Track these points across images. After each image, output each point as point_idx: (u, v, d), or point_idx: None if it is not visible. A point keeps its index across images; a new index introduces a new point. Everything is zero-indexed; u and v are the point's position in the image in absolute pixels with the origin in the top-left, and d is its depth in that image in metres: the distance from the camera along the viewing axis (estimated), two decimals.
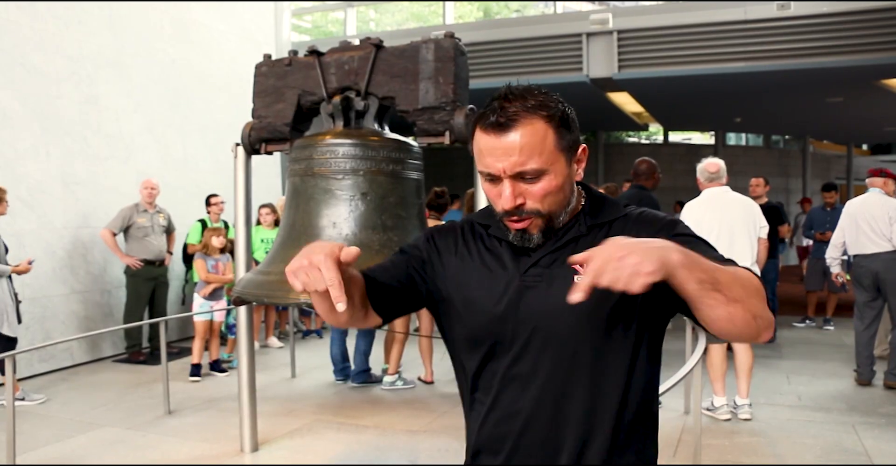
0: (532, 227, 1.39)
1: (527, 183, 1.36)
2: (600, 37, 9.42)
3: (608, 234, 1.40)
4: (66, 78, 7.29)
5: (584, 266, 1.16)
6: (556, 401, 1.40)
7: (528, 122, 1.34)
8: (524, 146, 1.33)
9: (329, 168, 3.39)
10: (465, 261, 1.50)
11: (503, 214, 1.39)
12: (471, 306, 1.45)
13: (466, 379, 1.50)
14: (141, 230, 7.22)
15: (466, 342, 1.48)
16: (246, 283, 3.53)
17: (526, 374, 1.41)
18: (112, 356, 7.52)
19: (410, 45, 3.61)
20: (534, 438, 1.41)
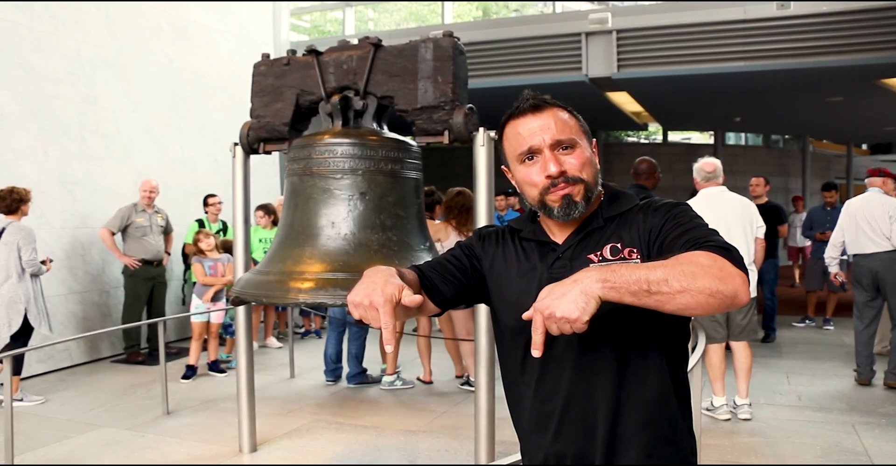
0: (576, 194, 1.51)
1: (564, 154, 1.53)
2: (599, 36, 9.41)
3: (622, 223, 1.55)
4: (64, 78, 7.27)
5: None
6: (587, 378, 1.50)
7: (555, 107, 1.58)
8: (557, 121, 1.54)
9: (328, 168, 3.37)
10: (505, 261, 1.64)
11: (548, 185, 1.51)
12: (510, 301, 1.58)
13: (515, 367, 1.62)
14: (139, 230, 7.21)
15: (510, 334, 1.61)
16: (244, 283, 3.51)
17: (559, 356, 1.51)
18: (110, 357, 7.51)
19: (409, 44, 3.60)
20: (574, 414, 1.51)
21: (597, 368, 1.49)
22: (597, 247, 1.53)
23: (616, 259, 1.49)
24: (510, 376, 1.66)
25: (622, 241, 1.52)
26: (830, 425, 5.04)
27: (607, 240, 1.53)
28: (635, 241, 1.51)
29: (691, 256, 1.30)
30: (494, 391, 3.77)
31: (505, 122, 1.60)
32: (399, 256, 3.28)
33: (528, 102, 1.56)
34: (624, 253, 1.50)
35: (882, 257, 5.94)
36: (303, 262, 3.25)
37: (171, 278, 8.07)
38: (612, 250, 1.51)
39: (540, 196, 1.54)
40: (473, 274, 1.65)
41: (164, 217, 7.53)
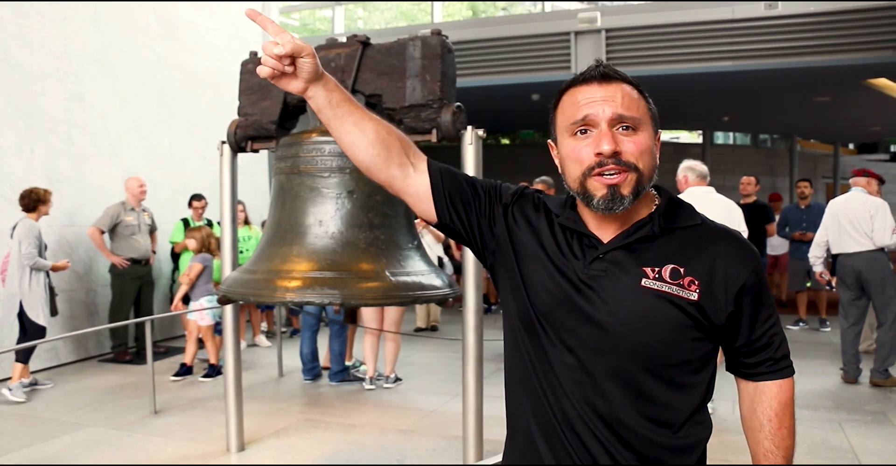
0: (625, 185, 1.32)
1: (624, 134, 1.33)
2: (588, 35, 9.42)
3: (684, 242, 1.39)
4: (51, 75, 7.23)
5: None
6: (597, 396, 1.36)
7: (626, 82, 1.38)
8: (625, 96, 1.34)
9: (315, 166, 3.36)
10: (541, 243, 1.45)
11: (595, 164, 1.32)
12: (533, 288, 1.42)
13: (526, 360, 1.44)
14: (128, 229, 7.18)
15: (521, 322, 1.44)
16: (232, 282, 3.50)
17: (583, 367, 1.36)
18: (98, 356, 7.47)
19: (397, 42, 3.59)
20: (586, 434, 1.37)
21: (618, 391, 1.35)
22: (654, 261, 1.35)
23: (674, 284, 1.33)
24: (514, 366, 1.49)
25: (686, 266, 1.35)
26: (817, 422, 5.06)
27: (667, 257, 1.36)
28: (702, 273, 1.35)
29: (791, 425, 1.47)
30: (482, 389, 3.77)
31: (565, 89, 1.41)
32: (386, 254, 3.28)
33: (598, 70, 1.36)
34: (684, 281, 1.34)
35: (865, 256, 5.97)
36: (290, 260, 3.24)
37: (159, 277, 8.04)
38: (673, 273, 1.34)
39: (583, 177, 1.34)
40: (479, 224, 1.52)
41: (150, 216, 7.51)
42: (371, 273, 3.19)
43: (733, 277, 1.36)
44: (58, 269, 6.22)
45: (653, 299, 1.33)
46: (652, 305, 1.33)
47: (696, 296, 1.33)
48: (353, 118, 1.44)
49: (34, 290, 5.98)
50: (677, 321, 1.33)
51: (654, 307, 1.33)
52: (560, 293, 1.38)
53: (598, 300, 1.35)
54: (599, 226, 1.41)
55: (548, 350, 1.40)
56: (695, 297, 1.33)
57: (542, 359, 1.41)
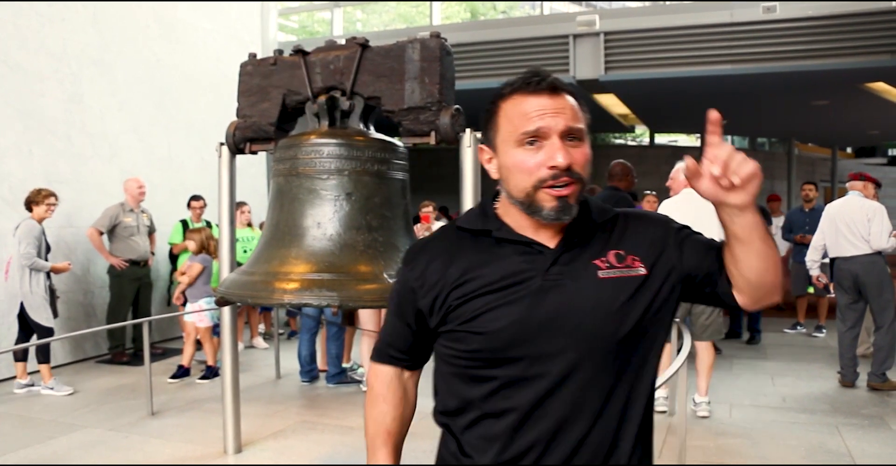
0: (572, 195, 1.36)
1: (571, 146, 1.36)
2: (587, 38, 9.43)
3: (615, 230, 1.46)
4: (50, 76, 7.23)
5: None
6: (589, 398, 1.37)
7: (569, 93, 1.40)
8: (572, 108, 1.38)
9: (314, 168, 3.36)
10: (473, 274, 1.41)
11: (548, 177, 1.34)
12: (490, 319, 1.37)
13: (480, 395, 1.41)
14: (127, 230, 7.17)
15: (489, 353, 1.39)
16: (229, 283, 3.50)
17: (558, 373, 1.36)
18: (95, 357, 7.46)
19: (396, 44, 3.59)
20: (569, 437, 1.36)
21: (600, 386, 1.37)
22: (599, 253, 1.41)
23: (622, 266, 1.40)
24: (473, 407, 1.43)
25: (624, 248, 1.43)
26: (814, 426, 5.07)
27: (608, 245, 1.43)
28: (637, 249, 1.43)
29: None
30: None
31: (507, 94, 1.41)
32: (385, 256, 3.28)
33: (547, 80, 1.37)
34: (628, 261, 1.41)
35: (862, 260, 5.98)
36: (288, 262, 3.23)
37: (157, 278, 8.03)
38: (618, 256, 1.41)
39: (532, 189, 1.35)
40: (420, 324, 1.51)
41: (149, 217, 7.51)
42: (369, 275, 3.18)
43: (655, 243, 1.44)
44: (58, 271, 6.24)
45: (613, 285, 1.38)
46: (615, 292, 1.37)
47: (644, 270, 1.41)
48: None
49: (35, 291, 6.00)
50: (639, 298, 1.39)
51: (618, 293, 1.37)
52: (515, 316, 1.37)
53: (566, 303, 1.37)
54: (536, 233, 1.43)
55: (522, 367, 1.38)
56: (644, 271, 1.41)
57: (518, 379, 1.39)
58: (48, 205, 6.12)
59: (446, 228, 1.56)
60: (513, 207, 1.42)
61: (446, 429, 1.52)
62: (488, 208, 1.50)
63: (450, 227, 1.55)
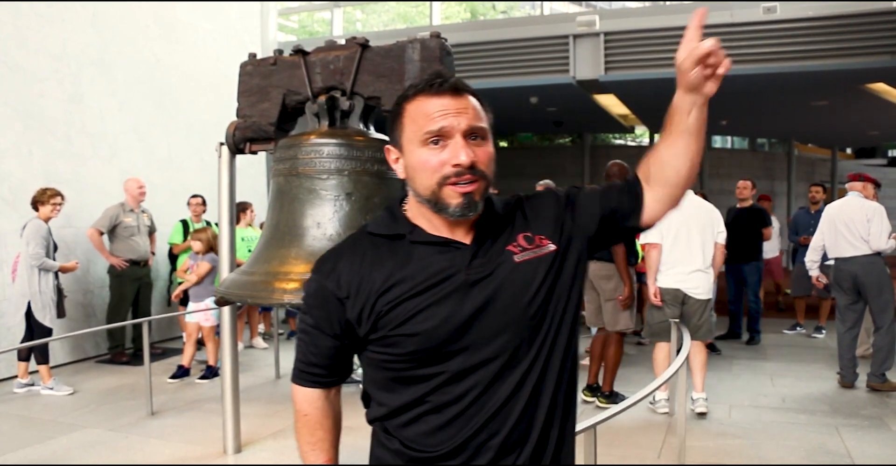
0: (477, 192, 1.40)
1: (474, 144, 1.40)
2: (587, 39, 9.43)
3: (520, 216, 1.53)
4: (50, 76, 7.23)
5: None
6: (529, 383, 1.43)
7: (472, 94, 1.46)
8: (474, 107, 1.43)
9: (314, 168, 3.36)
10: (395, 279, 1.42)
11: (452, 175, 1.38)
12: (421, 320, 1.40)
13: (421, 394, 1.44)
14: (127, 230, 7.17)
15: (428, 352, 1.41)
16: (229, 283, 3.50)
17: (498, 358, 1.41)
18: (95, 357, 7.47)
19: (396, 44, 3.59)
20: (513, 426, 1.42)
21: (538, 369, 1.44)
22: (511, 240, 1.47)
23: (533, 247, 1.46)
24: (415, 405, 1.45)
25: (530, 230, 1.50)
26: (814, 427, 5.06)
27: (515, 232, 1.49)
28: (541, 228, 1.50)
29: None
30: None
31: (411, 96, 1.44)
32: None
33: (448, 82, 1.42)
34: (537, 240, 1.48)
35: (861, 260, 5.98)
36: (288, 262, 3.23)
37: (157, 278, 8.03)
38: (527, 238, 1.48)
39: (437, 186, 1.39)
40: (348, 335, 1.50)
41: (150, 217, 7.50)
42: None
43: (554, 213, 1.53)
44: (66, 270, 6.27)
45: (530, 266, 1.45)
46: (532, 272, 1.44)
47: (553, 245, 1.48)
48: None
49: (43, 291, 6.02)
50: (554, 273, 1.47)
51: (534, 272, 1.44)
52: (447, 313, 1.40)
53: (492, 291, 1.41)
54: (449, 231, 1.46)
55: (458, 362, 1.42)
56: (553, 246, 1.48)
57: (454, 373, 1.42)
58: (54, 204, 6.12)
59: (357, 235, 1.57)
60: (423, 206, 1.45)
61: (383, 431, 1.54)
62: (397, 211, 1.52)
63: (361, 234, 1.56)
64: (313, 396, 1.60)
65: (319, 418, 1.62)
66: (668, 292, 5.30)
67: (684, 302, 5.31)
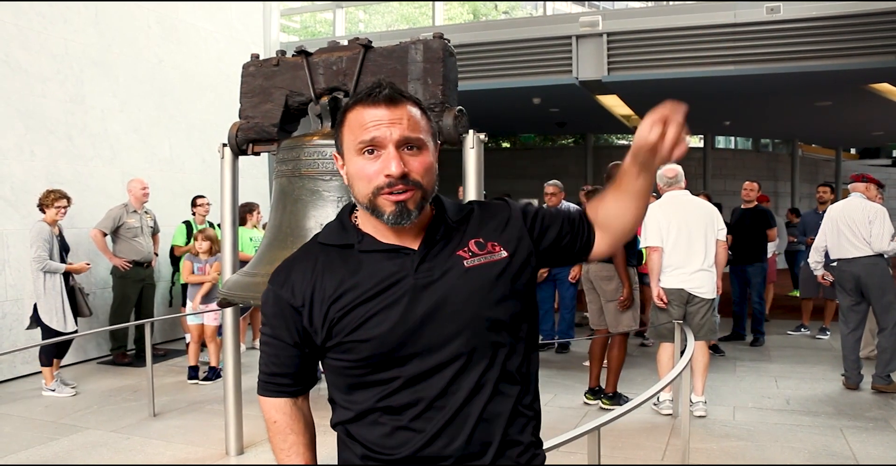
0: (411, 201, 1.41)
1: (409, 154, 1.42)
2: (590, 39, 9.42)
3: (474, 223, 1.54)
4: (52, 77, 7.22)
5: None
6: (486, 388, 1.44)
7: (410, 103, 1.46)
8: (410, 117, 1.43)
9: (316, 169, 3.35)
10: (345, 286, 1.45)
11: (384, 185, 1.40)
12: (373, 326, 1.42)
13: (387, 391, 1.45)
14: (130, 231, 7.16)
15: (382, 357, 1.43)
16: (232, 285, 3.49)
17: (450, 362, 1.43)
18: (97, 358, 7.46)
19: (399, 45, 3.58)
20: (471, 431, 1.43)
21: (489, 371, 1.45)
22: (462, 245, 1.49)
23: (484, 253, 1.48)
24: (375, 410, 1.48)
25: (483, 236, 1.52)
26: (818, 429, 5.04)
27: (467, 238, 1.51)
28: (495, 235, 1.52)
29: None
30: None
31: (351, 106, 1.46)
32: None
33: (384, 92, 1.42)
34: (489, 246, 1.50)
35: (864, 261, 5.96)
36: None
37: (159, 279, 8.02)
38: (478, 244, 1.50)
39: (372, 195, 1.41)
40: (307, 343, 1.53)
41: (153, 218, 7.49)
42: None
43: (511, 226, 1.55)
44: (75, 271, 6.21)
45: (480, 272, 1.46)
46: (483, 277, 1.46)
47: (505, 252, 1.50)
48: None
49: (49, 293, 5.98)
50: (506, 279, 1.48)
51: (485, 277, 1.46)
52: (397, 317, 1.42)
53: (441, 296, 1.43)
54: (398, 238, 1.48)
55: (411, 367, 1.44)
56: (505, 254, 1.50)
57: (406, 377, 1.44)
58: (58, 208, 6.09)
59: (309, 245, 1.59)
60: (367, 213, 1.47)
61: (347, 436, 1.57)
62: (346, 220, 1.55)
63: (312, 243, 1.58)
64: (280, 404, 1.64)
65: (289, 423, 1.66)
66: (672, 292, 5.29)
67: (688, 302, 5.29)
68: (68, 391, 6.08)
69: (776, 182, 17.82)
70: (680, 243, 5.24)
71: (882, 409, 5.51)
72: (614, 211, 1.57)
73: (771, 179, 17.54)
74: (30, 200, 6.74)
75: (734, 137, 19.22)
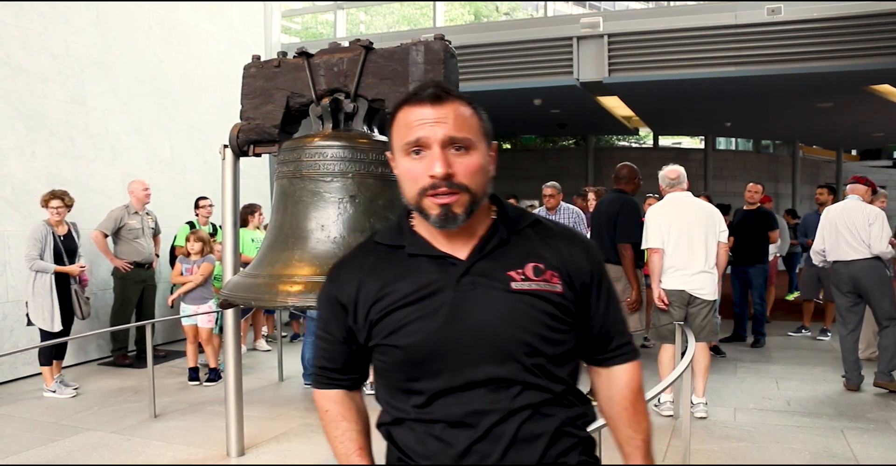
0: (457, 205, 1.38)
1: (456, 155, 1.38)
2: (591, 40, 9.42)
3: (533, 239, 1.47)
4: (53, 78, 7.23)
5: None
6: (520, 415, 1.40)
7: (459, 101, 1.41)
8: (457, 116, 1.38)
9: (317, 170, 3.35)
10: (388, 288, 1.45)
11: (429, 186, 1.37)
12: (407, 332, 1.41)
13: (418, 401, 1.44)
14: (131, 233, 7.16)
15: (411, 366, 1.42)
16: (233, 286, 3.49)
17: (480, 384, 1.39)
18: (98, 359, 7.46)
19: (400, 47, 3.58)
20: (504, 451, 1.39)
21: (517, 394, 1.40)
22: (515, 264, 1.43)
23: (539, 280, 1.42)
24: (395, 407, 1.50)
25: (543, 261, 1.44)
26: (819, 430, 5.04)
27: (525, 257, 1.44)
28: (557, 265, 1.45)
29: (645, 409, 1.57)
30: None
31: (398, 106, 1.44)
32: None
33: (429, 91, 1.40)
34: (546, 275, 1.43)
35: (861, 264, 5.97)
36: (292, 265, 3.22)
37: (160, 280, 8.02)
38: (536, 270, 1.43)
39: (418, 196, 1.39)
40: (353, 340, 1.53)
41: (154, 219, 7.49)
42: None
43: (581, 268, 1.48)
44: (66, 272, 6.14)
45: (528, 298, 1.40)
46: (529, 304, 1.39)
47: (561, 287, 1.43)
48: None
49: (37, 293, 5.98)
50: (552, 314, 1.41)
51: (532, 305, 1.40)
52: (428, 327, 1.40)
53: (479, 314, 1.39)
54: (449, 244, 1.45)
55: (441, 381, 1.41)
56: (560, 288, 1.43)
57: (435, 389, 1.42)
58: (51, 208, 6.08)
59: (365, 243, 1.59)
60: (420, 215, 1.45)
61: (388, 438, 1.54)
62: (403, 222, 1.53)
63: (368, 241, 1.58)
64: (331, 394, 1.62)
65: (340, 411, 1.62)
66: (673, 293, 5.29)
67: (690, 303, 5.30)
68: (69, 391, 6.08)
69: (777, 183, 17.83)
70: (681, 244, 5.24)
71: (883, 410, 5.51)
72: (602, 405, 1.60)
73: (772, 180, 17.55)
74: (30, 200, 6.75)
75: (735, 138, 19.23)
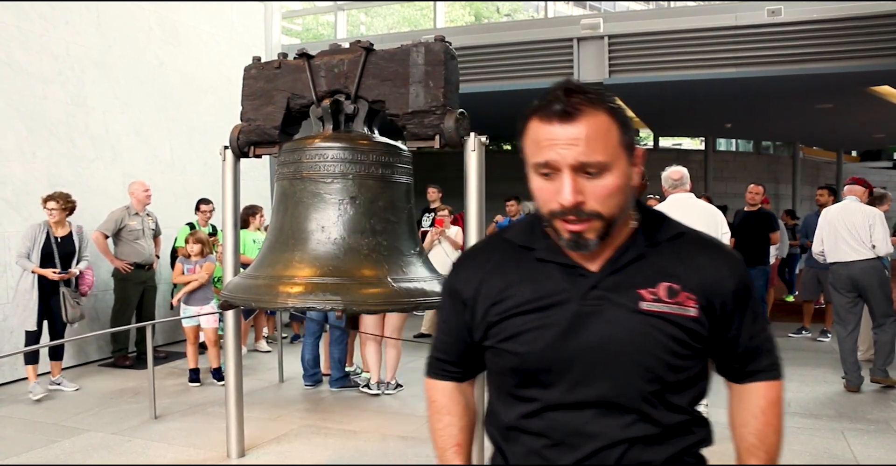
0: (589, 231, 1.28)
1: (589, 178, 1.25)
2: (591, 42, 9.41)
3: (672, 255, 1.37)
4: (53, 79, 7.23)
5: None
6: (627, 432, 1.33)
7: (594, 113, 1.26)
8: (590, 137, 1.24)
9: (318, 172, 3.36)
10: (512, 291, 1.38)
11: (558, 212, 1.27)
12: (524, 339, 1.35)
13: (527, 409, 1.38)
14: (132, 234, 7.16)
15: (525, 374, 1.37)
16: (234, 287, 3.49)
17: (594, 402, 1.33)
18: (98, 361, 7.46)
19: (401, 48, 3.58)
20: (607, 462, 1.33)
21: (632, 419, 1.34)
22: (648, 282, 1.33)
23: (672, 302, 1.32)
24: (501, 417, 1.46)
25: (679, 281, 1.34)
26: (819, 431, 5.04)
27: (660, 275, 1.34)
28: (694, 286, 1.34)
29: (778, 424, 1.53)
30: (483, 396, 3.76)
31: (529, 114, 1.32)
32: (389, 260, 3.27)
33: (559, 106, 1.25)
34: (681, 297, 1.32)
35: (861, 264, 5.99)
36: (292, 266, 3.23)
37: (160, 281, 8.02)
38: (670, 291, 1.33)
39: (550, 217, 1.30)
40: (469, 335, 1.48)
41: (154, 220, 7.49)
42: (373, 279, 3.18)
43: (723, 287, 1.37)
44: (43, 274, 6.06)
45: (654, 321, 1.31)
46: (655, 327, 1.31)
47: (695, 312, 1.33)
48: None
49: (20, 292, 6.08)
50: (679, 339, 1.32)
51: (658, 329, 1.31)
52: (547, 339, 1.34)
53: (602, 332, 1.32)
54: (581, 254, 1.35)
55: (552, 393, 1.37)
56: (694, 313, 1.33)
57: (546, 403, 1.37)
58: (47, 210, 6.12)
59: (493, 237, 1.54)
60: None
61: (494, 443, 1.50)
62: (536, 222, 1.43)
63: (497, 236, 1.52)
64: (441, 386, 1.59)
65: (447, 404, 1.58)
66: None
67: None
68: (41, 391, 5.99)
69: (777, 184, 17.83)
70: None
71: (883, 411, 5.51)
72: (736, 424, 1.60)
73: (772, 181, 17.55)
74: (31, 201, 6.74)
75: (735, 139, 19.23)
